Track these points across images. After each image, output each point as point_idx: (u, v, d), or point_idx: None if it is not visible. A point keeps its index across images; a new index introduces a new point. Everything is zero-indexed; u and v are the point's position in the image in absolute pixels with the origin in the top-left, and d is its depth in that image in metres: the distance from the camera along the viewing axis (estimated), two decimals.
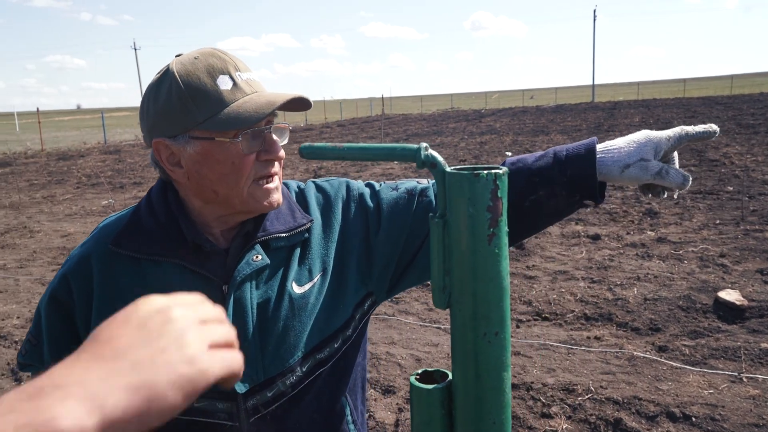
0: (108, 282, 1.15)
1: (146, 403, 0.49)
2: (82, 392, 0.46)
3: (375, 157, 0.80)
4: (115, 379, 0.48)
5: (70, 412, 0.44)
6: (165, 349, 0.52)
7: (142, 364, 0.50)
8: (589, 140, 1.08)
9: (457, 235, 0.73)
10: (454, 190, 0.73)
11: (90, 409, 0.46)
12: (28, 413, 0.43)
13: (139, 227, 1.17)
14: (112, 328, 0.54)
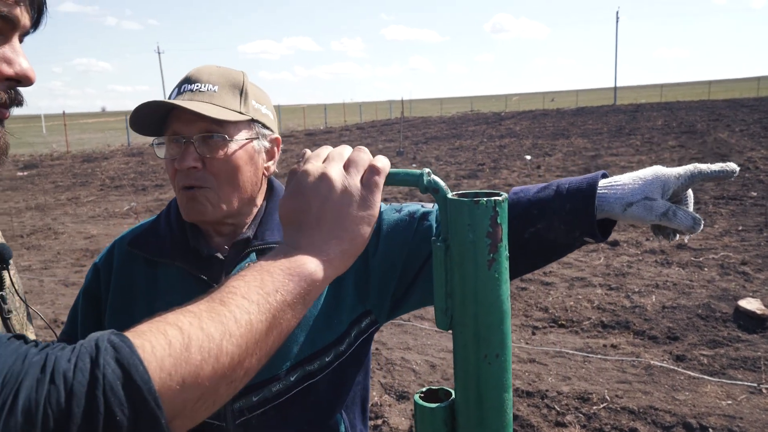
0: (124, 279, 1.25)
1: (351, 246, 0.77)
2: (314, 250, 0.75)
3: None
4: (328, 237, 0.76)
5: (309, 262, 0.74)
6: (343, 201, 0.77)
7: (340, 221, 0.77)
8: (594, 174, 1.04)
9: (459, 259, 0.75)
10: (455, 215, 0.75)
11: (322, 260, 0.75)
12: (286, 263, 0.74)
13: (155, 231, 1.27)
14: (303, 203, 0.78)
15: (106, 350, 0.60)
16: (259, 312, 0.71)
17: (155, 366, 0.61)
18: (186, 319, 0.67)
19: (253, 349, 0.71)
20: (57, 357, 0.59)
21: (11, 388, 0.55)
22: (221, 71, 1.22)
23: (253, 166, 1.22)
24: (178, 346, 0.63)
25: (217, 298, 0.71)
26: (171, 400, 0.62)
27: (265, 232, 1.24)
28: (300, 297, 0.75)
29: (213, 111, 1.13)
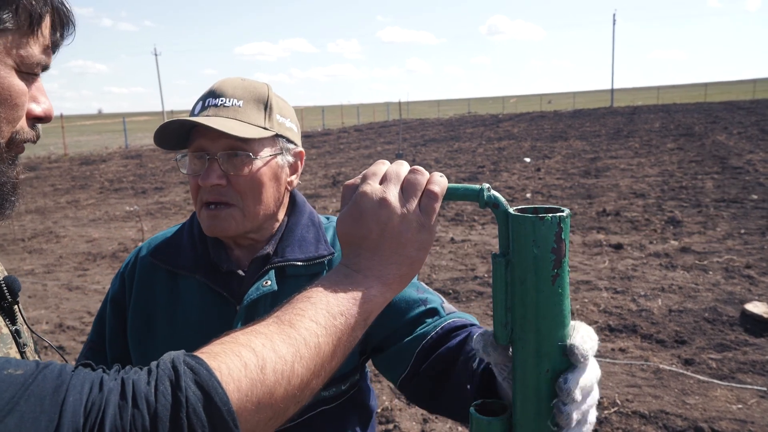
0: (145, 289, 1.26)
1: (409, 270, 0.79)
2: (372, 274, 0.78)
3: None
4: (387, 262, 0.78)
5: (372, 286, 0.77)
6: (402, 227, 0.78)
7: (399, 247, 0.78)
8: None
9: (521, 274, 0.76)
10: (519, 231, 0.75)
11: (381, 284, 0.78)
12: (349, 286, 0.76)
13: (177, 243, 1.28)
14: (364, 228, 0.79)
15: (185, 373, 0.61)
16: (326, 335, 0.72)
17: (233, 388, 0.62)
18: (258, 341, 0.68)
19: (320, 371, 0.72)
20: (134, 381, 0.60)
21: (95, 416, 0.56)
22: (245, 85, 1.22)
23: (276, 181, 1.22)
24: (254, 368, 0.64)
25: (285, 319, 0.72)
26: (246, 420, 0.63)
27: (286, 249, 1.23)
28: (362, 321, 0.77)
29: (237, 128, 1.12)
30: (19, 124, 0.77)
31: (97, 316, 1.34)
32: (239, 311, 1.18)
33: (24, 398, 0.55)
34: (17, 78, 0.75)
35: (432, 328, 1.14)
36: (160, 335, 1.23)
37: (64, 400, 0.56)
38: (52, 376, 0.57)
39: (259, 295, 1.17)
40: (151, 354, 1.23)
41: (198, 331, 1.20)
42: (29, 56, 0.75)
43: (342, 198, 0.84)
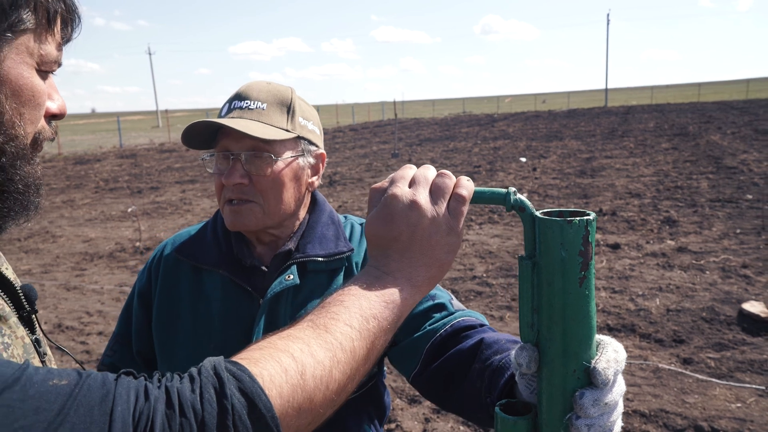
0: (170, 283, 1.30)
1: (438, 273, 0.81)
2: (402, 276, 0.79)
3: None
4: (417, 264, 0.79)
5: (403, 289, 0.78)
6: (432, 230, 0.79)
7: (428, 249, 0.79)
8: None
9: (548, 277, 0.77)
10: (547, 234, 0.77)
11: (410, 286, 0.79)
12: (380, 289, 0.77)
13: (201, 239, 1.32)
14: (394, 230, 0.79)
15: (229, 380, 0.62)
16: (361, 338, 0.73)
17: (275, 394, 0.63)
18: (296, 346, 0.69)
19: (355, 374, 0.73)
20: (179, 389, 0.60)
21: (145, 426, 0.56)
22: (270, 88, 1.25)
23: (297, 182, 1.26)
24: (294, 374, 0.65)
25: (320, 323, 0.73)
26: (288, 425, 0.64)
27: (307, 246, 1.27)
28: (393, 323, 0.78)
29: (260, 130, 1.16)
30: (39, 124, 0.78)
31: (123, 310, 1.38)
32: (262, 305, 1.21)
33: (73, 409, 0.55)
34: (38, 77, 0.75)
35: (441, 325, 1.16)
36: (184, 328, 1.26)
37: (113, 409, 0.56)
38: (96, 386, 0.58)
39: (281, 289, 1.21)
40: (174, 346, 1.25)
41: (221, 323, 1.24)
42: (47, 54, 0.75)
43: (369, 201, 0.86)
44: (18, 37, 0.71)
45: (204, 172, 16.67)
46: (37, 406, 0.54)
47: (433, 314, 1.19)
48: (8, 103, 0.71)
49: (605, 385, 0.76)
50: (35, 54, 0.74)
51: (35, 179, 0.79)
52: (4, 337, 0.70)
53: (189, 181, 15.14)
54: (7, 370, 0.56)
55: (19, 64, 0.72)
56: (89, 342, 5.08)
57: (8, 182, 0.74)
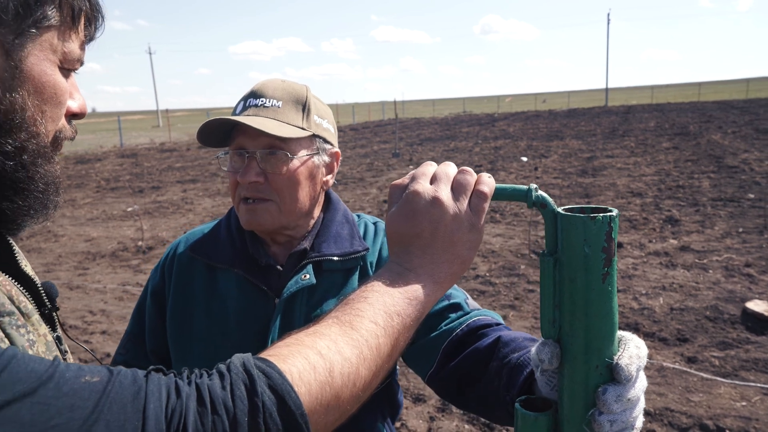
0: (184, 282, 1.30)
1: (460, 269, 0.81)
2: (424, 272, 0.79)
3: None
4: (439, 261, 0.79)
5: (425, 285, 0.78)
6: (454, 226, 0.79)
7: (451, 245, 0.79)
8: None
9: (571, 273, 0.77)
10: (570, 231, 0.77)
11: (432, 282, 0.79)
12: (403, 285, 0.77)
13: (215, 237, 1.31)
14: (416, 226, 0.79)
15: (259, 377, 0.62)
16: (385, 335, 0.74)
17: (304, 391, 0.63)
18: (323, 343, 0.69)
19: (379, 371, 0.73)
20: (210, 386, 0.60)
21: (178, 423, 0.57)
22: (285, 86, 1.25)
23: (312, 181, 1.25)
24: (322, 371, 0.66)
25: (346, 320, 0.73)
26: (316, 422, 0.65)
27: (322, 245, 1.27)
28: (416, 320, 0.78)
29: (275, 128, 1.16)
30: (60, 122, 0.77)
31: (135, 309, 1.38)
32: (278, 304, 1.21)
33: (107, 406, 0.55)
34: (60, 75, 0.74)
35: (457, 325, 1.16)
36: (199, 326, 1.26)
37: (145, 406, 0.56)
38: (127, 383, 0.58)
39: (298, 288, 1.21)
40: (189, 345, 1.25)
41: (236, 322, 1.23)
42: (71, 52, 0.75)
43: (389, 197, 0.86)
44: (42, 33, 0.70)
45: (205, 172, 16.68)
46: (72, 403, 0.54)
47: (449, 314, 1.19)
48: (30, 100, 0.71)
49: (628, 380, 0.76)
50: (58, 51, 0.73)
51: (55, 178, 0.78)
52: (29, 334, 0.70)
53: (190, 181, 15.14)
54: (39, 366, 0.56)
55: (42, 60, 0.71)
56: (93, 341, 5.08)
57: (28, 180, 0.74)
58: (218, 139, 1.24)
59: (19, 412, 0.51)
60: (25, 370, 0.54)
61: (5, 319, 0.67)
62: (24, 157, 0.72)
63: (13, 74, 0.68)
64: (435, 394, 3.87)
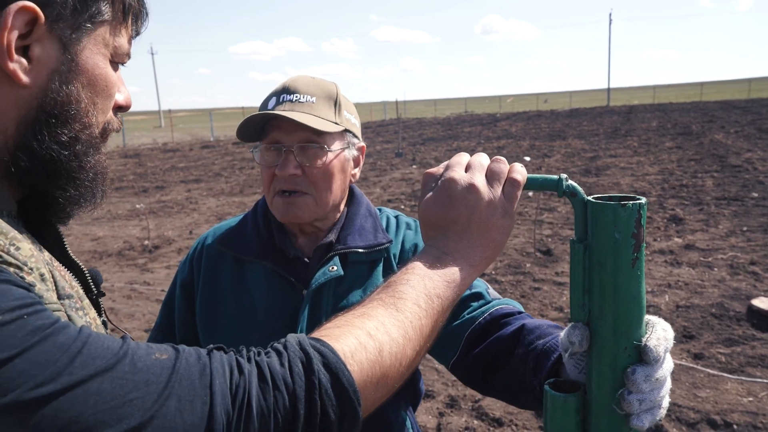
0: (212, 275, 1.33)
1: (493, 254, 0.84)
2: (461, 256, 0.82)
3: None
4: (474, 245, 0.83)
5: (462, 269, 0.82)
6: (489, 212, 0.83)
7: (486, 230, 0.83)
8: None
9: (601, 258, 0.81)
10: (600, 218, 0.80)
11: (469, 266, 0.83)
12: (441, 269, 0.81)
13: (242, 231, 1.35)
14: (453, 211, 0.83)
15: (314, 356, 0.65)
16: (427, 317, 0.78)
17: (356, 369, 0.67)
18: (371, 324, 0.72)
19: (422, 351, 0.77)
20: (269, 364, 0.64)
21: (242, 398, 0.60)
22: (316, 82, 1.29)
23: (343, 173, 1.30)
24: (372, 351, 0.70)
25: (390, 303, 0.77)
26: (366, 399, 0.69)
27: (347, 237, 1.31)
28: (453, 302, 0.82)
29: (315, 122, 1.20)
30: (109, 114, 0.80)
31: (164, 302, 1.41)
32: (306, 295, 1.25)
33: (177, 382, 0.58)
34: (111, 68, 0.78)
35: (480, 314, 1.19)
36: (229, 318, 1.29)
37: (212, 382, 0.60)
38: (193, 360, 0.61)
39: (325, 280, 1.24)
40: (219, 336, 1.29)
41: (264, 314, 1.27)
42: (120, 46, 0.78)
43: (423, 185, 0.89)
44: (96, 28, 0.74)
45: (209, 172, 16.73)
46: (147, 379, 0.57)
47: (471, 303, 1.22)
48: (84, 92, 0.74)
49: (656, 361, 0.79)
50: (110, 45, 0.76)
51: (103, 168, 0.82)
52: (86, 317, 0.74)
53: (194, 181, 15.18)
54: (113, 344, 0.59)
55: (95, 54, 0.75)
56: None
57: (80, 170, 0.77)
58: (253, 134, 1.27)
59: (102, 386, 0.55)
60: (102, 347, 0.58)
61: (66, 302, 0.70)
62: (77, 147, 0.75)
63: (70, 67, 0.72)
64: (443, 390, 3.91)
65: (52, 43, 0.69)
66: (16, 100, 0.69)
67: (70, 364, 0.54)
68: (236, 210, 10.73)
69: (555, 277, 6.01)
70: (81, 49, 0.73)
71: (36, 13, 0.66)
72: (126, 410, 0.55)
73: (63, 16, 0.70)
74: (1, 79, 0.67)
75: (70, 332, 0.57)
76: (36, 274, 0.65)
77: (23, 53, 0.68)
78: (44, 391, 0.52)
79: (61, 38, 0.70)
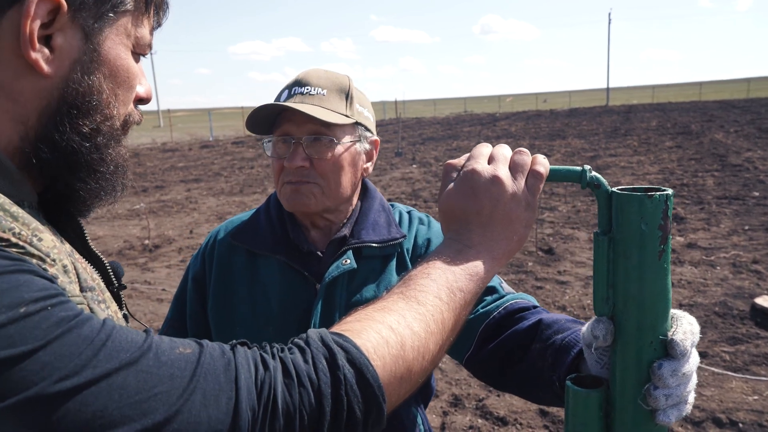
0: (225, 268, 1.32)
1: (516, 246, 0.83)
2: (484, 249, 0.80)
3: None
4: (497, 238, 0.81)
5: (485, 261, 0.80)
6: (512, 204, 0.82)
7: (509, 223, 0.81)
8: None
9: (626, 251, 0.79)
10: (626, 210, 0.79)
11: (491, 258, 0.81)
12: (464, 262, 0.79)
13: (255, 226, 1.34)
14: (476, 203, 0.81)
15: (338, 352, 0.64)
16: (449, 310, 0.76)
17: (380, 364, 0.66)
18: (393, 318, 0.71)
19: (444, 345, 0.76)
20: (293, 360, 0.63)
21: (268, 394, 0.59)
22: (329, 75, 1.28)
23: (354, 167, 1.29)
24: (395, 345, 0.68)
25: (411, 296, 0.75)
26: (390, 394, 0.67)
27: (361, 231, 1.30)
28: (476, 296, 0.80)
29: (323, 114, 1.19)
30: (130, 106, 0.79)
31: (175, 297, 1.40)
32: (319, 289, 1.24)
33: (202, 376, 0.57)
34: (132, 59, 0.76)
35: (494, 308, 1.18)
36: (242, 312, 1.28)
37: (237, 377, 0.58)
38: (217, 355, 0.60)
39: (339, 273, 1.23)
40: (232, 330, 1.28)
41: (278, 307, 1.26)
42: (143, 37, 0.77)
43: (443, 177, 0.88)
44: (119, 18, 0.72)
45: (208, 172, 16.71)
46: (171, 373, 0.56)
47: (485, 296, 1.21)
48: (106, 83, 0.73)
49: (683, 355, 0.78)
50: (132, 36, 0.75)
51: (124, 160, 0.80)
52: (108, 310, 0.73)
53: (193, 180, 15.16)
54: (137, 337, 0.58)
55: (117, 45, 0.73)
56: None
57: (101, 162, 0.75)
58: (264, 127, 1.27)
59: (126, 379, 0.53)
60: (126, 340, 0.56)
61: (88, 294, 0.69)
62: (98, 139, 0.74)
63: (92, 57, 0.70)
64: (447, 389, 3.89)
65: (74, 33, 0.68)
66: (39, 91, 0.67)
67: (95, 357, 0.53)
68: (236, 209, 10.71)
69: (557, 276, 6.00)
70: (103, 39, 0.71)
71: (59, 2, 0.65)
72: (151, 405, 0.53)
73: (86, 5, 0.68)
74: (24, 69, 0.66)
75: (94, 324, 0.56)
76: (59, 265, 0.64)
77: (45, 43, 0.66)
78: (68, 385, 0.51)
79: (83, 28, 0.69)
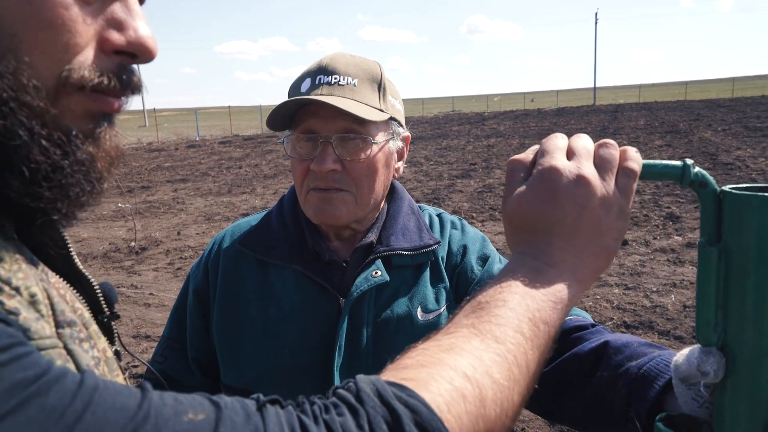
0: (232, 279, 1.15)
1: (605, 264, 0.66)
2: (567, 268, 0.64)
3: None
4: (583, 254, 0.65)
5: (569, 285, 0.63)
6: (602, 211, 0.65)
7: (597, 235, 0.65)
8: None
9: (745, 264, 0.63)
10: (744, 214, 0.63)
11: (576, 281, 0.64)
12: (545, 285, 0.62)
13: (267, 231, 1.17)
14: (558, 210, 0.64)
15: (404, 413, 0.47)
16: (532, 349, 0.59)
17: (455, 426, 0.49)
18: (466, 361, 0.54)
19: (527, 394, 0.59)
20: (342, 425, 0.46)
21: None
22: (357, 62, 1.10)
23: (387, 169, 1.13)
24: (473, 401, 0.51)
25: (486, 330, 0.58)
26: None
27: (390, 238, 1.14)
28: (559, 327, 0.63)
29: (359, 108, 1.02)
30: (77, 59, 0.50)
31: (172, 312, 1.22)
32: (345, 304, 1.07)
33: None
34: None
35: None
36: (253, 329, 1.11)
37: None
38: (240, 421, 0.44)
39: (369, 287, 1.07)
40: (242, 350, 1.10)
41: (296, 324, 1.09)
42: None
43: (509, 175, 0.71)
44: None
45: (195, 172, 16.43)
46: None
47: None
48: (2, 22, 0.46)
49: None
50: None
51: (87, 154, 0.54)
52: (92, 350, 0.55)
53: (180, 180, 14.89)
54: (128, 400, 0.41)
55: None
56: None
57: (26, 156, 0.49)
58: (282, 122, 1.08)
59: None
60: (112, 407, 0.39)
61: (66, 331, 0.51)
62: (14, 119, 0.52)
63: None
64: None
65: None
66: None
67: None
68: (225, 210, 10.48)
69: None
70: None
71: None
72: None
73: None
74: None
75: (67, 386, 0.39)
76: (24, 295, 0.46)
77: None
78: None
79: None
